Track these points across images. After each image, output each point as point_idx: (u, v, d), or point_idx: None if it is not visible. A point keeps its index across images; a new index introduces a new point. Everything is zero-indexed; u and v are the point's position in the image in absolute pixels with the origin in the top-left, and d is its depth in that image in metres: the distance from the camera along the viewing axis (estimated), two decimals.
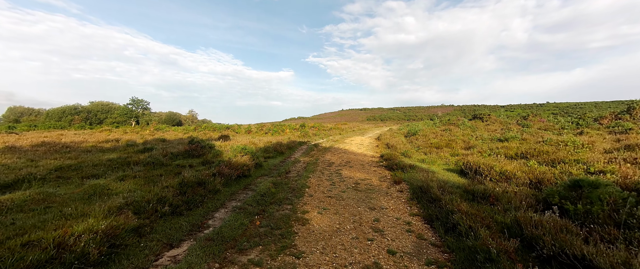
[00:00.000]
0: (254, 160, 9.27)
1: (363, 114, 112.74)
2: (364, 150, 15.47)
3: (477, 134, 19.86)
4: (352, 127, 36.63)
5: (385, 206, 6.17)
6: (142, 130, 26.29)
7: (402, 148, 14.00)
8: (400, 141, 16.51)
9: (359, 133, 29.84)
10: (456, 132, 20.08)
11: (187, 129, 26.89)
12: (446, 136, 17.58)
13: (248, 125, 28.71)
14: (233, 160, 8.07)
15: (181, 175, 6.32)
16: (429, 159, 11.17)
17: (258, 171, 9.23)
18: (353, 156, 12.91)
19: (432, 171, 9.51)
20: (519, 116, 34.94)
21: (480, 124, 29.33)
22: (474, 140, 15.44)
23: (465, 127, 25.13)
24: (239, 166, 7.89)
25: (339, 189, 7.44)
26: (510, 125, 27.70)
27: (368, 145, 17.69)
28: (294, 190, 7.27)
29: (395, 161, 10.40)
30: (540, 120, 29.62)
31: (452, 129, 22.75)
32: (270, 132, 24.21)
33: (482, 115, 32.36)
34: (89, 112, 60.46)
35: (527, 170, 7.76)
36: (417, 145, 15.57)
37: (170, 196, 5.57)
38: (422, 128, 21.95)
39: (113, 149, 12.94)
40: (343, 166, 10.49)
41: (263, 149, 12.74)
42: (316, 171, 9.53)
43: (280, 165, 10.72)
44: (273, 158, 11.84)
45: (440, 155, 12.26)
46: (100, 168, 8.80)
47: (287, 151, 13.72)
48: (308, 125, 27.82)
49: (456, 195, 5.91)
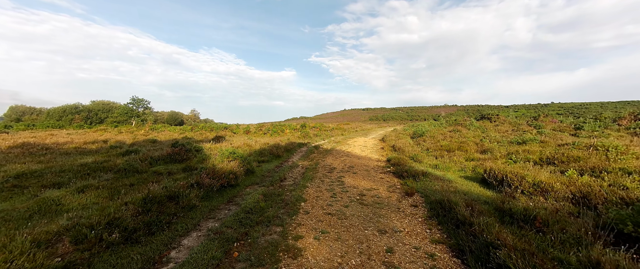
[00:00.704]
0: (244, 166, 8.06)
1: (365, 114, 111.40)
2: (368, 152, 14.21)
3: (488, 135, 18.53)
4: (355, 127, 35.35)
5: (399, 228, 4.92)
6: (138, 129, 25.23)
7: (410, 151, 12.72)
8: (407, 143, 15.23)
9: (362, 133, 28.57)
10: (466, 133, 18.76)
11: (184, 129, 25.75)
12: (456, 138, 16.27)
13: (247, 125, 27.52)
14: (218, 166, 6.87)
15: (147, 188, 5.10)
16: (442, 164, 9.88)
17: (249, 178, 8.01)
18: (356, 160, 11.65)
19: (448, 179, 8.24)
20: (529, 116, 33.49)
21: (489, 125, 27.95)
22: (487, 143, 14.12)
23: (474, 128, 23.80)
24: (224, 174, 6.68)
25: (341, 203, 6.19)
26: (521, 125, 26.31)
27: (372, 147, 16.43)
28: (288, 204, 6.04)
29: (404, 167, 9.13)
30: (552, 121, 28.19)
31: (461, 130, 21.40)
32: (270, 132, 23.02)
33: (490, 115, 30.92)
34: (89, 111, 59.67)
35: (565, 181, 6.46)
36: (425, 148, 14.29)
37: (128, 216, 4.37)
38: (429, 129, 20.63)
39: (95, 151, 11.80)
40: (346, 173, 9.25)
41: (258, 152, 11.53)
42: (315, 179, 8.29)
43: (275, 170, 9.50)
44: (268, 162, 10.62)
45: (454, 160, 10.97)
46: (67, 174, 7.63)
47: (285, 154, 12.50)
48: (309, 125, 26.57)
49: (490, 217, 4.64)
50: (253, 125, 27.71)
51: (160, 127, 26.29)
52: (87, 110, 59.63)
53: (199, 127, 26.51)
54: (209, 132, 23.88)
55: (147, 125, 27.79)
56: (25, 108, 64.24)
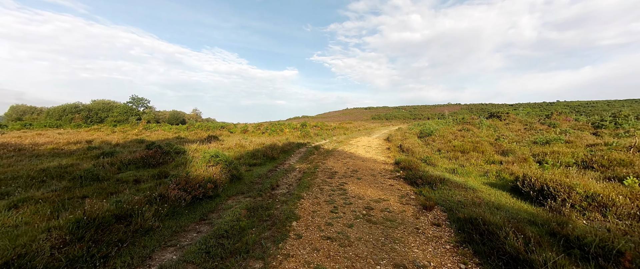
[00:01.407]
0: (229, 171, 6.77)
1: (368, 113, 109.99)
2: (373, 153, 12.88)
3: (503, 135, 17.11)
4: (357, 126, 33.99)
5: (422, 262, 3.60)
6: (132, 129, 24.12)
7: (420, 153, 11.37)
8: (415, 144, 13.87)
9: (365, 133, 27.21)
10: (478, 133, 17.35)
11: (179, 128, 24.54)
12: (469, 138, 14.88)
13: (245, 124, 26.34)
14: (193, 174, 5.60)
15: (84, 207, 3.82)
16: (460, 169, 8.51)
17: (234, 186, 6.71)
18: (361, 163, 10.33)
19: (471, 187, 6.89)
20: (541, 114, 31.86)
21: (499, 123, 26.47)
22: (505, 143, 12.71)
23: (484, 127, 22.38)
24: (201, 183, 5.39)
25: (344, 221, 4.88)
26: (534, 124, 24.82)
27: (377, 147, 15.09)
28: (276, 222, 4.74)
29: (417, 173, 7.79)
30: (566, 119, 26.63)
31: (471, 129, 19.97)
32: (268, 131, 21.75)
33: (499, 113, 29.38)
34: (89, 111, 58.86)
35: (626, 193, 5.10)
36: (436, 148, 12.92)
37: (46, 249, 3.10)
38: (438, 128, 19.21)
39: (70, 153, 10.59)
40: (349, 178, 7.93)
41: (250, 153, 10.25)
42: (313, 186, 6.98)
43: (267, 175, 8.20)
44: (261, 165, 9.33)
45: (472, 162, 9.60)
46: (17, 182, 6.39)
47: (281, 156, 11.20)
48: (309, 124, 25.21)
49: (553, 249, 3.31)
50: (251, 124, 26.53)
51: (154, 126, 25.12)
52: (87, 109, 58.82)
53: (195, 126, 25.26)
54: (205, 131, 22.68)
55: (141, 124, 26.67)
56: (26, 107, 63.60)
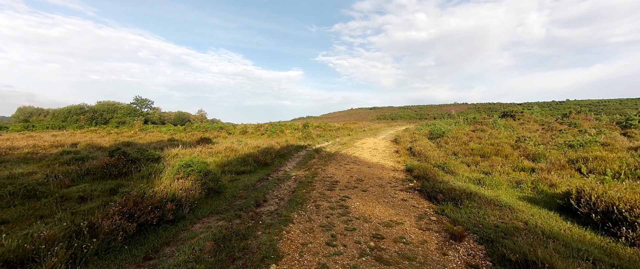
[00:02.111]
0: (205, 185, 5.45)
1: (373, 113, 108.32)
2: (380, 157, 11.45)
3: (521, 135, 15.50)
4: (362, 127, 32.51)
5: None
6: (129, 130, 23.13)
7: (434, 157, 9.91)
8: (427, 146, 12.39)
9: (371, 133, 25.74)
10: (496, 134, 15.76)
11: (176, 129, 23.41)
12: (486, 139, 13.34)
13: (244, 125, 25.07)
14: (149, 191, 4.31)
15: None
16: (487, 178, 7.02)
17: (209, 204, 5.39)
18: (366, 170, 8.93)
19: (507, 205, 5.44)
20: (558, 113, 29.97)
21: (513, 123, 24.73)
22: (531, 146, 11.16)
23: (498, 127, 20.73)
24: (156, 204, 4.09)
25: (345, 261, 3.50)
26: (551, 124, 23.04)
27: (384, 150, 13.65)
28: (248, 265, 3.39)
29: (435, 184, 6.36)
30: (587, 118, 24.72)
31: (486, 129, 18.37)
32: (268, 132, 20.47)
33: (513, 112, 27.56)
34: (94, 112, 58.61)
35: None
36: (451, 152, 11.42)
37: None
38: (450, 129, 17.63)
39: (40, 158, 9.44)
40: (352, 190, 6.54)
41: (241, 159, 8.94)
42: (308, 203, 5.61)
43: (256, 186, 6.87)
44: (251, 173, 8.00)
45: (497, 169, 8.12)
46: None
47: (277, 161, 9.86)
48: (312, 125, 23.81)
49: None
50: (251, 125, 25.33)
51: (151, 128, 24.04)
52: (92, 110, 58.57)
53: (193, 127, 24.08)
54: (202, 132, 21.53)
55: (136, 125, 25.73)
56: (33, 109, 63.78)
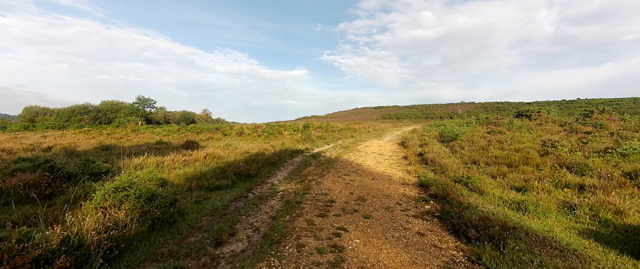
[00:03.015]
0: (147, 215, 3.95)
1: (378, 112, 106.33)
2: (387, 165, 9.83)
3: (544, 139, 13.67)
4: (367, 127, 30.79)
5: None
6: (122, 130, 21.95)
7: (451, 167, 8.25)
8: (440, 152, 10.71)
9: (376, 134, 24.06)
10: (518, 137, 13.96)
11: (171, 130, 22.06)
12: (508, 144, 11.59)
13: (241, 126, 23.55)
14: (37, 237, 2.84)
15: None
16: (528, 201, 5.34)
17: (151, 242, 3.86)
18: (370, 183, 7.33)
19: (569, 246, 3.80)
20: (575, 113, 27.82)
21: (530, 123, 22.76)
22: (564, 152, 9.39)
23: (515, 128, 18.88)
24: (43, 260, 2.59)
25: None
26: (573, 124, 21.02)
27: (391, 156, 12.01)
28: None
29: (461, 211, 4.74)
30: (611, 118, 22.61)
31: (503, 131, 16.56)
32: (265, 134, 18.98)
33: (529, 112, 25.54)
34: (98, 111, 58.13)
35: None
36: (469, 158, 9.73)
37: None
38: (464, 130, 15.84)
39: None
40: (351, 217, 4.98)
41: (219, 170, 7.42)
42: (288, 240, 4.06)
43: (227, 209, 5.35)
44: (227, 188, 6.47)
45: (533, 184, 6.44)
46: None
47: (265, 170, 8.33)
48: (313, 126, 22.24)
49: None
50: (249, 126, 23.77)
51: (143, 128, 22.80)
52: (96, 110, 58.09)
53: (188, 128, 22.75)
54: (196, 133, 20.18)
55: (129, 126, 24.52)
56: (39, 108, 63.67)
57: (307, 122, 24.86)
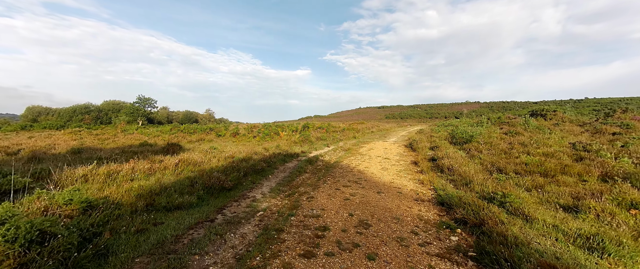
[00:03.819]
0: (33, 266, 2.54)
1: (381, 112, 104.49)
2: (394, 172, 8.30)
3: (574, 141, 12.01)
4: (370, 127, 29.21)
5: None
6: (113, 130, 20.72)
7: (476, 178, 6.69)
8: (457, 157, 9.13)
9: (380, 135, 22.49)
10: (540, 139, 12.31)
11: (162, 130, 20.68)
12: (533, 148, 9.98)
13: (236, 126, 22.16)
14: None
15: None
16: (602, 235, 3.79)
17: None
18: (375, 198, 5.83)
19: None
20: (594, 113, 26.00)
21: (546, 123, 21.00)
22: (609, 158, 7.77)
23: (532, 129, 17.20)
24: None
25: None
26: (595, 125, 19.23)
27: (398, 160, 10.46)
28: None
29: (510, 252, 3.24)
30: (634, 118, 20.79)
31: (521, 132, 14.89)
32: (261, 134, 17.57)
33: (544, 111, 23.74)
34: (99, 111, 57.37)
35: None
36: (489, 163, 8.16)
37: None
38: (480, 131, 14.16)
39: None
40: (350, 254, 3.50)
41: (188, 182, 5.99)
42: None
43: (179, 242, 3.89)
44: (191, 208, 5.03)
45: (589, 204, 4.89)
46: None
47: (248, 180, 6.88)
48: (313, 126, 20.74)
49: None
50: (243, 125, 22.45)
51: (132, 129, 21.56)
52: (97, 110, 57.33)
53: (181, 128, 21.41)
54: (190, 134, 18.86)
55: (119, 126, 23.31)
56: (42, 108, 63.22)
57: (306, 122, 23.39)
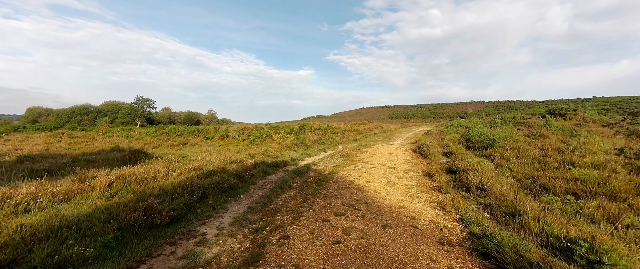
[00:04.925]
0: None
1: (385, 112, 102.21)
2: (403, 188, 6.36)
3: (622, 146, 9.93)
4: (373, 128, 27.20)
5: None
6: (96, 133, 19.08)
7: (528, 208, 4.73)
8: (485, 170, 7.12)
9: (384, 137, 20.50)
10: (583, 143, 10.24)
11: (148, 132, 18.82)
12: (579, 155, 7.94)
13: (226, 128, 20.24)
14: None
15: None
16: None
17: None
18: (380, 238, 3.92)
19: None
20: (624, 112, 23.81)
21: (565, 124, 18.82)
22: None
23: (554, 130, 15.11)
24: None
25: None
26: (623, 125, 17.03)
27: (407, 170, 8.49)
28: None
29: None
30: None
31: (547, 135, 12.80)
32: (252, 137, 15.71)
33: (563, 110, 21.54)
34: (98, 112, 56.18)
35: None
36: (525, 177, 6.20)
37: None
38: (504, 135, 11.98)
39: None
40: None
41: (103, 216, 4.13)
42: None
43: None
44: (112, 253, 3.19)
45: None
46: None
47: (209, 203, 5.01)
48: (311, 127, 18.78)
49: None
50: (234, 127, 20.50)
51: (115, 130, 19.88)
52: (96, 111, 56.13)
53: (167, 130, 19.57)
54: (176, 136, 17.11)
55: (101, 128, 21.68)
56: (42, 109, 62.34)
57: (303, 123, 21.49)
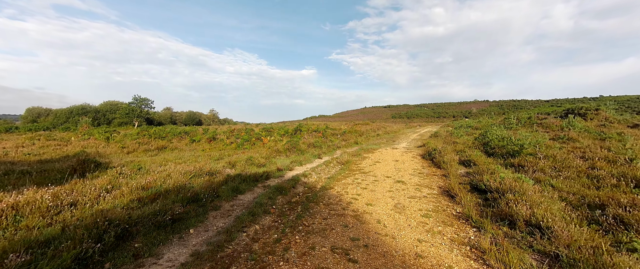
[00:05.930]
0: None
1: (387, 112, 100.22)
2: (418, 219, 4.65)
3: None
4: (376, 129, 25.41)
5: None
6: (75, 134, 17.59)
7: None
8: (527, 190, 5.37)
9: (387, 139, 18.72)
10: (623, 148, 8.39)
11: (128, 134, 17.08)
12: (634, 168, 6.14)
13: (214, 130, 18.60)
14: None
15: None
16: None
17: None
18: None
19: None
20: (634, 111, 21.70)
21: (586, 124, 16.88)
22: None
23: (579, 131, 13.27)
24: None
25: None
26: None
27: (418, 184, 6.75)
28: None
29: None
30: None
31: (576, 138, 10.95)
32: (240, 139, 14.06)
33: (583, 110, 19.54)
34: (97, 112, 55.02)
35: None
36: (576, 199, 4.47)
37: None
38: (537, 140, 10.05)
39: None
40: None
41: None
42: None
43: None
44: None
45: None
46: None
47: (135, 247, 3.37)
48: (308, 128, 17.10)
49: None
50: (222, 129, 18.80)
51: (94, 131, 18.39)
52: (94, 111, 54.98)
53: (150, 132, 17.98)
54: (160, 138, 15.52)
55: (80, 129, 20.18)
56: (42, 109, 61.42)
57: (300, 124, 19.80)
